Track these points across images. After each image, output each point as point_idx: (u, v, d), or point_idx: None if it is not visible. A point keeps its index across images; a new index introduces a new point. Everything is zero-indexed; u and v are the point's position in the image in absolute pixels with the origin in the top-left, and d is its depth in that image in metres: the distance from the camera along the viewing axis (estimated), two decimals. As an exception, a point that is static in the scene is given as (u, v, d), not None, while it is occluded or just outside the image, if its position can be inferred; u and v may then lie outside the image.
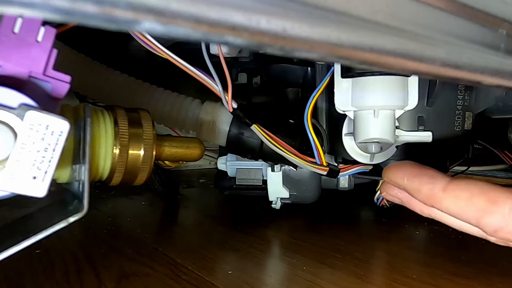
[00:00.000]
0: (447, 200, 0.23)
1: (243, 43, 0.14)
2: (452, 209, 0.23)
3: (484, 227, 0.23)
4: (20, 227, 0.24)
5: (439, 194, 0.24)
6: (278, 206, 0.47)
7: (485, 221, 0.22)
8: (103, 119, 0.29)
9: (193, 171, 0.85)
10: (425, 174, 0.25)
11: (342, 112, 0.36)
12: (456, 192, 0.23)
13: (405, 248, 0.39)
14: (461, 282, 0.31)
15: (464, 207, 0.23)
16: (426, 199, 0.24)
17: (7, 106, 0.20)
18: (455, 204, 0.23)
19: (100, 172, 0.29)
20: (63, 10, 0.11)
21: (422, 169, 0.25)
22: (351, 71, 0.34)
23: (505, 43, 0.22)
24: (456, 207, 0.23)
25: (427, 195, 0.24)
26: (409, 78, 0.34)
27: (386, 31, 0.18)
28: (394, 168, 0.27)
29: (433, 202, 0.24)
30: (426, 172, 0.25)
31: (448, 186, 0.23)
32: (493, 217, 0.22)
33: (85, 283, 0.30)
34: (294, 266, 0.34)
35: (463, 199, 0.23)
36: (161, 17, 0.13)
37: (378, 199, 0.50)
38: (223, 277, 0.32)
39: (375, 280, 0.32)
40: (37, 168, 0.20)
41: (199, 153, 0.36)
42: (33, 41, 0.22)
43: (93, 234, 0.42)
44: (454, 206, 0.23)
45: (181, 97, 0.42)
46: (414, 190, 0.25)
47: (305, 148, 0.40)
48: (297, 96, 0.49)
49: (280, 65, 0.48)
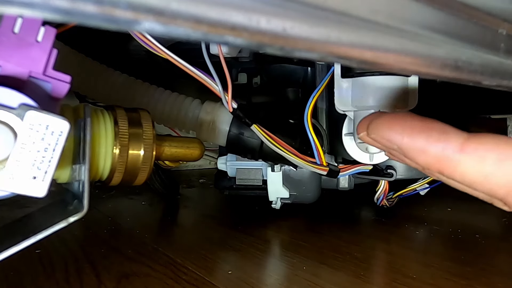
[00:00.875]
0: (466, 164, 0.17)
1: (243, 43, 0.14)
2: (472, 176, 0.17)
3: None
4: (20, 227, 0.24)
5: (455, 155, 0.17)
6: (278, 206, 0.47)
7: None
8: (103, 119, 0.29)
9: (193, 171, 0.85)
10: (433, 128, 0.18)
11: (342, 112, 0.36)
12: (480, 152, 0.17)
13: (405, 248, 0.39)
14: (461, 282, 0.31)
15: (490, 174, 0.17)
16: (434, 163, 0.18)
17: (7, 106, 0.20)
18: (477, 168, 0.17)
19: (100, 172, 0.29)
20: (63, 10, 0.11)
21: (428, 122, 0.19)
22: (351, 71, 0.34)
23: (505, 43, 0.22)
24: (477, 173, 0.17)
25: (437, 156, 0.18)
26: (409, 78, 0.34)
27: (386, 31, 0.18)
28: (387, 119, 0.19)
29: (444, 167, 0.18)
30: (434, 126, 0.18)
31: (468, 144, 0.17)
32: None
33: (85, 283, 0.30)
34: (294, 266, 0.34)
35: (491, 162, 0.17)
36: (161, 17, 0.13)
37: (378, 199, 0.50)
38: (223, 277, 0.32)
39: (375, 280, 0.32)
40: (37, 168, 0.20)
41: (199, 153, 0.36)
42: (33, 41, 0.22)
43: (93, 234, 0.42)
44: (476, 172, 0.17)
45: (181, 97, 0.42)
46: (417, 150, 0.18)
47: (305, 148, 0.40)
48: (297, 96, 0.49)
49: (280, 65, 0.48)
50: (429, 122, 0.19)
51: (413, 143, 0.18)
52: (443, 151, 0.18)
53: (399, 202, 0.51)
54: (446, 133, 0.18)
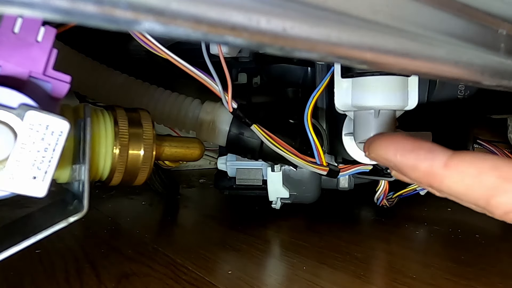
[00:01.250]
0: (450, 178, 0.20)
1: (243, 43, 0.14)
2: (456, 189, 0.20)
3: (494, 208, 0.19)
4: (20, 227, 0.24)
5: (440, 171, 0.20)
6: (278, 206, 0.47)
7: (496, 201, 0.19)
8: (103, 119, 0.29)
9: (193, 171, 0.85)
10: (422, 148, 0.21)
11: (342, 112, 0.36)
12: (461, 167, 0.19)
13: (405, 248, 0.39)
14: (461, 282, 0.31)
15: (470, 186, 0.19)
16: (424, 178, 0.21)
17: (7, 106, 0.20)
18: (459, 182, 0.20)
19: (100, 172, 0.29)
20: (63, 10, 0.11)
21: (417, 142, 0.21)
22: (351, 71, 0.34)
23: (505, 43, 0.22)
24: (460, 186, 0.20)
25: (426, 172, 0.20)
26: (409, 78, 0.34)
27: (386, 31, 0.18)
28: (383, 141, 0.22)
29: (432, 181, 0.20)
30: (422, 145, 0.21)
31: (451, 161, 0.20)
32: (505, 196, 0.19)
33: (85, 283, 0.30)
34: (294, 266, 0.34)
35: (470, 176, 0.19)
36: (161, 17, 0.13)
37: (378, 199, 0.50)
38: (223, 277, 0.32)
39: (375, 280, 0.32)
40: (37, 168, 0.20)
41: (199, 153, 0.36)
42: (33, 41, 0.22)
43: (93, 234, 0.42)
44: (458, 185, 0.20)
45: (181, 97, 0.42)
46: (409, 168, 0.21)
47: (305, 148, 0.40)
48: (297, 96, 0.49)
49: (280, 65, 0.48)
50: (419, 142, 0.21)
51: (406, 161, 0.21)
52: (431, 168, 0.20)
53: (399, 202, 0.51)
54: (433, 151, 0.20)
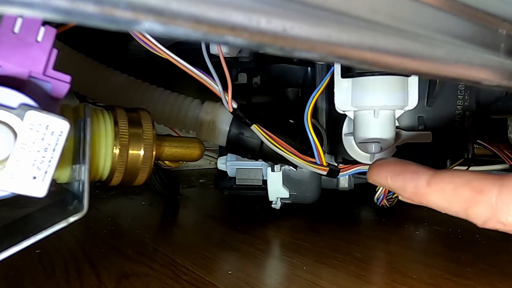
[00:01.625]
0: (432, 195, 0.22)
1: (243, 43, 0.14)
2: (440, 204, 0.22)
3: (474, 218, 0.21)
4: (20, 227, 0.24)
5: (424, 190, 0.22)
6: (278, 206, 0.47)
7: (473, 212, 0.21)
8: (103, 119, 0.29)
9: (193, 171, 0.85)
10: (407, 170, 0.23)
11: (342, 112, 0.36)
12: (440, 185, 0.22)
13: (405, 248, 0.39)
14: (461, 282, 0.31)
15: (450, 200, 0.22)
16: (412, 197, 0.23)
17: (7, 106, 0.20)
18: (441, 198, 0.22)
19: (100, 172, 0.29)
20: (63, 10, 0.11)
21: (404, 165, 0.24)
22: (351, 71, 0.34)
23: (505, 43, 0.22)
24: (442, 201, 0.22)
25: (413, 192, 0.23)
26: (409, 78, 0.34)
27: (386, 31, 0.18)
28: (376, 167, 0.25)
29: (419, 199, 0.23)
30: (408, 168, 0.23)
31: (432, 180, 0.22)
32: (480, 207, 0.21)
33: (85, 283, 0.30)
34: (294, 266, 0.34)
35: (448, 192, 0.21)
36: (161, 17, 0.13)
37: (378, 199, 0.50)
38: (223, 277, 0.32)
39: (375, 280, 0.32)
40: (37, 168, 0.20)
41: (199, 153, 0.36)
42: (33, 41, 0.22)
43: (93, 234, 0.42)
44: (440, 200, 0.22)
45: (181, 97, 0.42)
46: (399, 189, 0.24)
47: (305, 148, 0.40)
48: (297, 96, 0.49)
49: (280, 65, 0.48)
50: (406, 166, 0.24)
51: (395, 184, 0.24)
52: (416, 187, 0.23)
53: (399, 202, 0.51)
54: (417, 172, 0.23)
